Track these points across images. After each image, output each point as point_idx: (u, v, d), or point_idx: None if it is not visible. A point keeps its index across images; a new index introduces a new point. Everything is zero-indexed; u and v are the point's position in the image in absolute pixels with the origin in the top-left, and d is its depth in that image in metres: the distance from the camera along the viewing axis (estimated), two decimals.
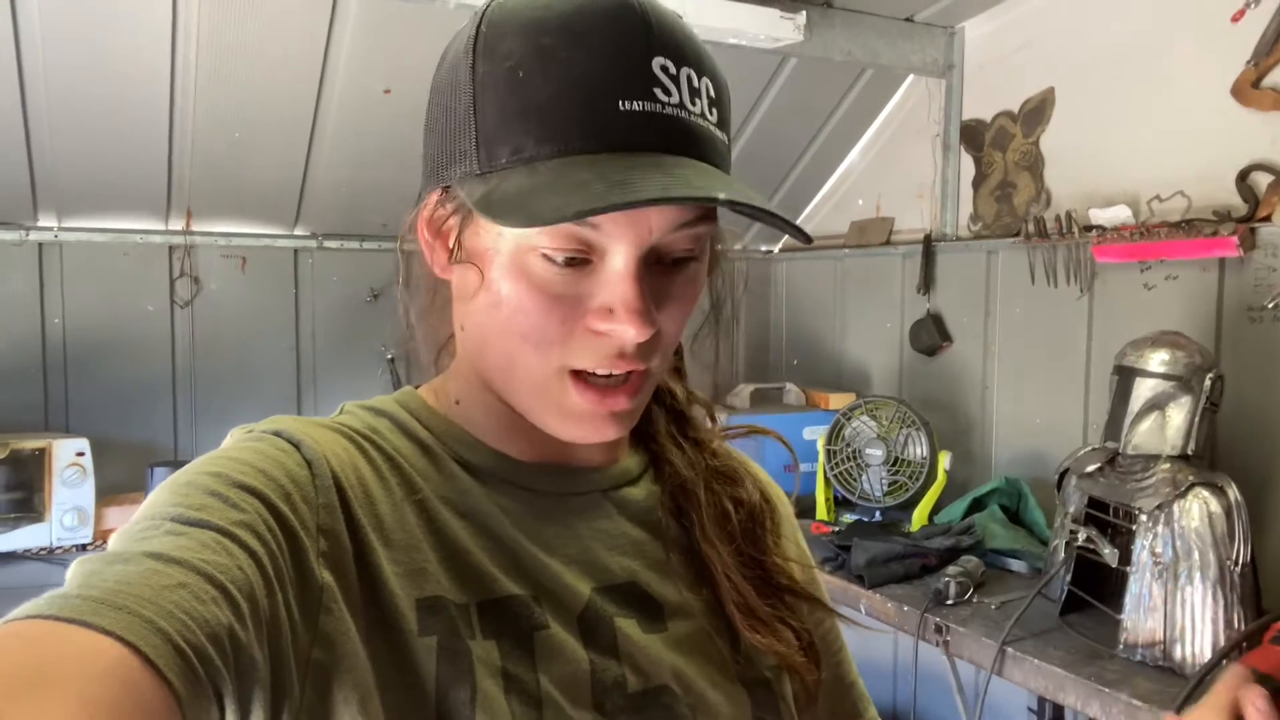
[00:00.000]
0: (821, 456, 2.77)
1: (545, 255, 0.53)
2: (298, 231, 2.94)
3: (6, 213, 2.55)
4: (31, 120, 2.34)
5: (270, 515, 0.49)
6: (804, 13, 2.51)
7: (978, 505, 2.54)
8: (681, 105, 0.52)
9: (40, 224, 2.62)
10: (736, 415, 3.04)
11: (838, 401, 3.00)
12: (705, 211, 0.55)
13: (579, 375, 0.56)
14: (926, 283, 2.97)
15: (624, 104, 0.50)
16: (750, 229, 3.59)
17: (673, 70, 0.52)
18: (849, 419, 2.77)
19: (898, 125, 3.19)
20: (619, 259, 0.53)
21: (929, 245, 2.96)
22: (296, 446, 0.54)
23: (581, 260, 0.53)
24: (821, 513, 2.77)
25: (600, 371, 0.55)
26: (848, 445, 2.75)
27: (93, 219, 2.67)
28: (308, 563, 0.50)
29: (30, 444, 2.26)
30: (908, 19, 2.86)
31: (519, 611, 0.56)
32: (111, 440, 2.68)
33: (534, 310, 0.54)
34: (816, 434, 2.87)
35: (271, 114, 2.49)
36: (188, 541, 0.44)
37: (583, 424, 0.57)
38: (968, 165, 2.91)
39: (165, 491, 0.48)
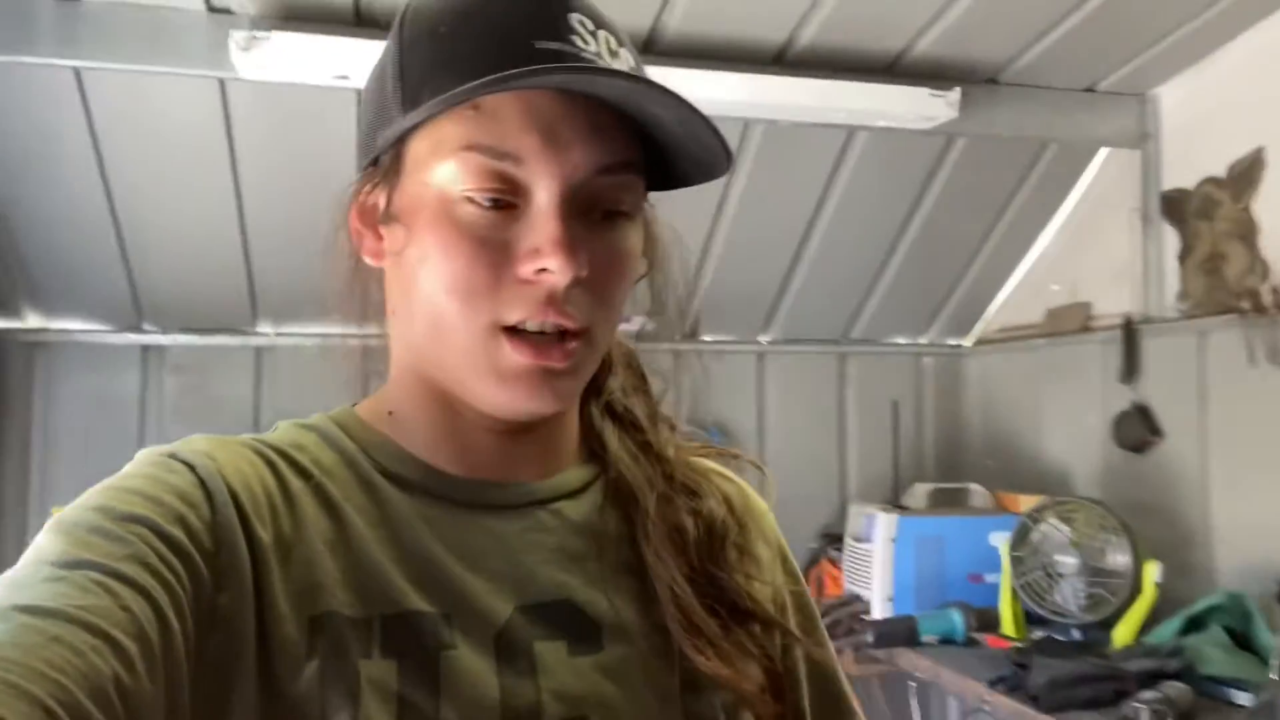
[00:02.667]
0: (1006, 564, 2.58)
1: (469, 198, 0.54)
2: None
3: (229, 320, 3.01)
4: (252, 243, 2.79)
5: (161, 542, 0.48)
6: (957, 90, 2.51)
7: (1196, 624, 2.26)
8: (599, 55, 0.55)
9: (258, 330, 3.06)
10: (912, 516, 2.91)
11: (1028, 504, 2.79)
12: (630, 159, 0.56)
13: (511, 331, 0.55)
14: (1130, 370, 2.75)
15: (539, 43, 0.53)
16: (935, 321, 3.51)
17: (590, 27, 0.56)
18: (1037, 522, 2.58)
19: (1092, 202, 3.05)
20: (543, 195, 0.54)
21: (1130, 329, 2.75)
22: (191, 466, 0.53)
23: (507, 204, 0.54)
24: (1008, 627, 2.56)
25: (532, 326, 0.55)
26: (1036, 552, 2.55)
27: (302, 324, 3.09)
28: (204, 586, 0.49)
29: None
30: (1088, 89, 2.76)
31: (424, 629, 0.54)
32: None
33: (460, 256, 0.54)
34: (1005, 541, 2.68)
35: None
36: (65, 588, 0.44)
37: (519, 385, 0.56)
38: (1170, 239, 2.71)
39: (48, 533, 0.48)
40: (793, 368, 3.52)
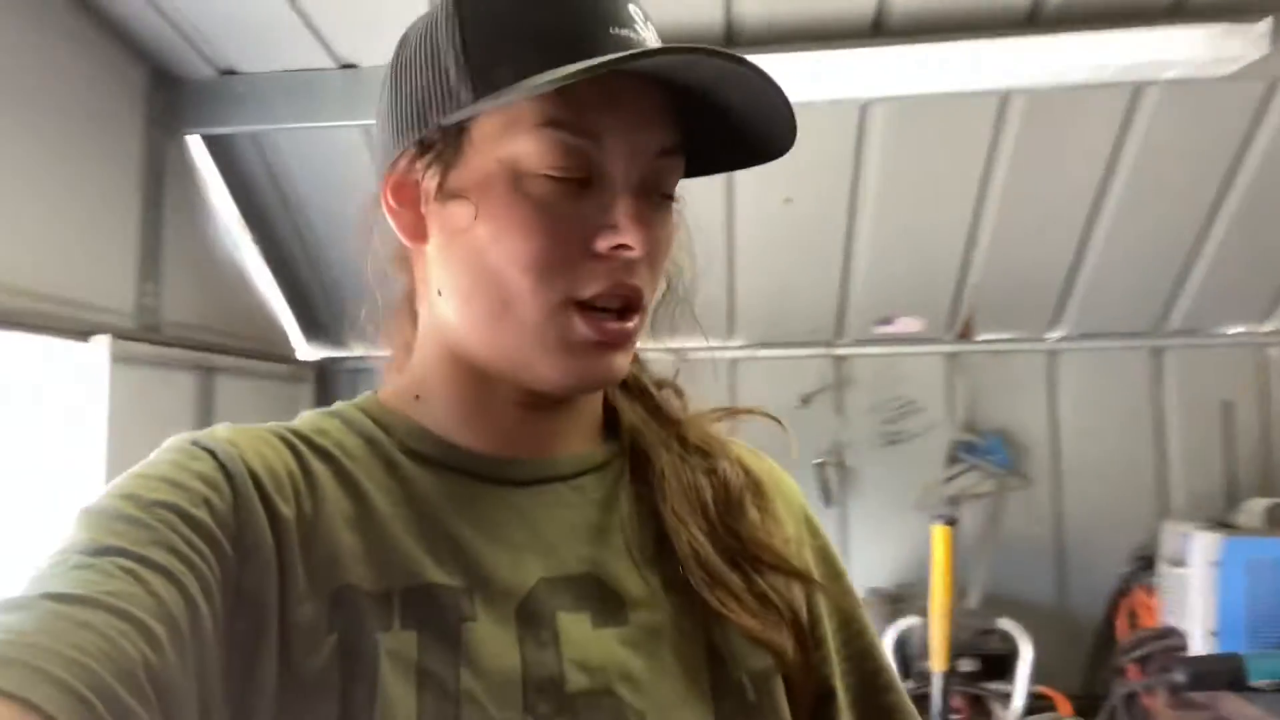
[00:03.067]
0: None
1: (547, 175, 0.55)
2: (732, 341, 3.24)
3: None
4: None
5: (187, 526, 0.49)
6: (1267, 21, 2.09)
7: None
8: (654, 43, 0.58)
9: None
10: (1242, 537, 2.43)
11: None
12: (680, 143, 0.59)
13: (580, 306, 0.56)
14: None
15: (614, 29, 0.56)
16: (1273, 304, 2.93)
17: (642, 17, 0.59)
18: None
19: None
20: (620, 174, 0.56)
21: None
22: (212, 452, 0.54)
23: (581, 181, 0.55)
24: None
25: (604, 302, 0.56)
26: None
27: None
28: (230, 567, 0.50)
29: None
30: None
31: (445, 602, 0.55)
32: None
33: (539, 233, 0.55)
34: None
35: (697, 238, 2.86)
36: (93, 575, 0.44)
37: (587, 359, 0.57)
38: None
39: (77, 521, 0.49)
40: (1093, 366, 3.13)
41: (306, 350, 3.42)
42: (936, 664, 2.45)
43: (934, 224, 2.87)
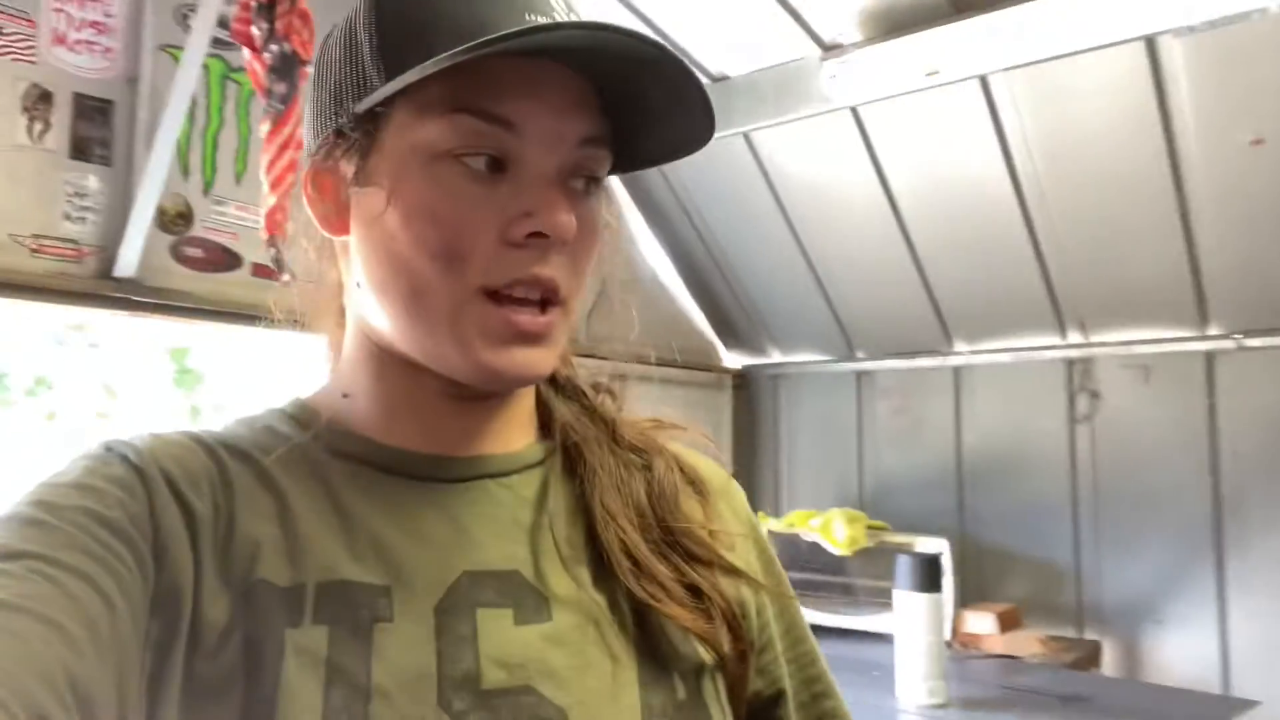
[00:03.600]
0: None
1: (459, 161, 0.54)
2: (1210, 331, 2.64)
3: (927, 343, 3.08)
4: (924, 265, 2.84)
5: (102, 529, 0.49)
6: None
7: None
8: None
9: (955, 350, 3.06)
10: None
11: None
12: (604, 133, 0.57)
13: (493, 296, 0.55)
14: None
15: (530, 15, 0.54)
16: None
17: (564, 5, 0.57)
18: None
19: None
20: (537, 161, 0.54)
21: None
22: (123, 456, 0.54)
23: (496, 168, 0.54)
24: None
25: (518, 292, 0.55)
26: None
27: (996, 340, 2.98)
28: (147, 567, 0.50)
29: (898, 539, 2.65)
30: None
31: (360, 599, 0.54)
32: (1013, 553, 2.86)
33: (446, 220, 0.54)
34: None
35: (1126, 199, 2.42)
36: (5, 579, 0.44)
37: (504, 351, 0.55)
38: None
39: None
40: None
41: (727, 358, 3.57)
42: None
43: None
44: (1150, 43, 2.13)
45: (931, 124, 2.48)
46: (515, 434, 0.64)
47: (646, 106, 0.57)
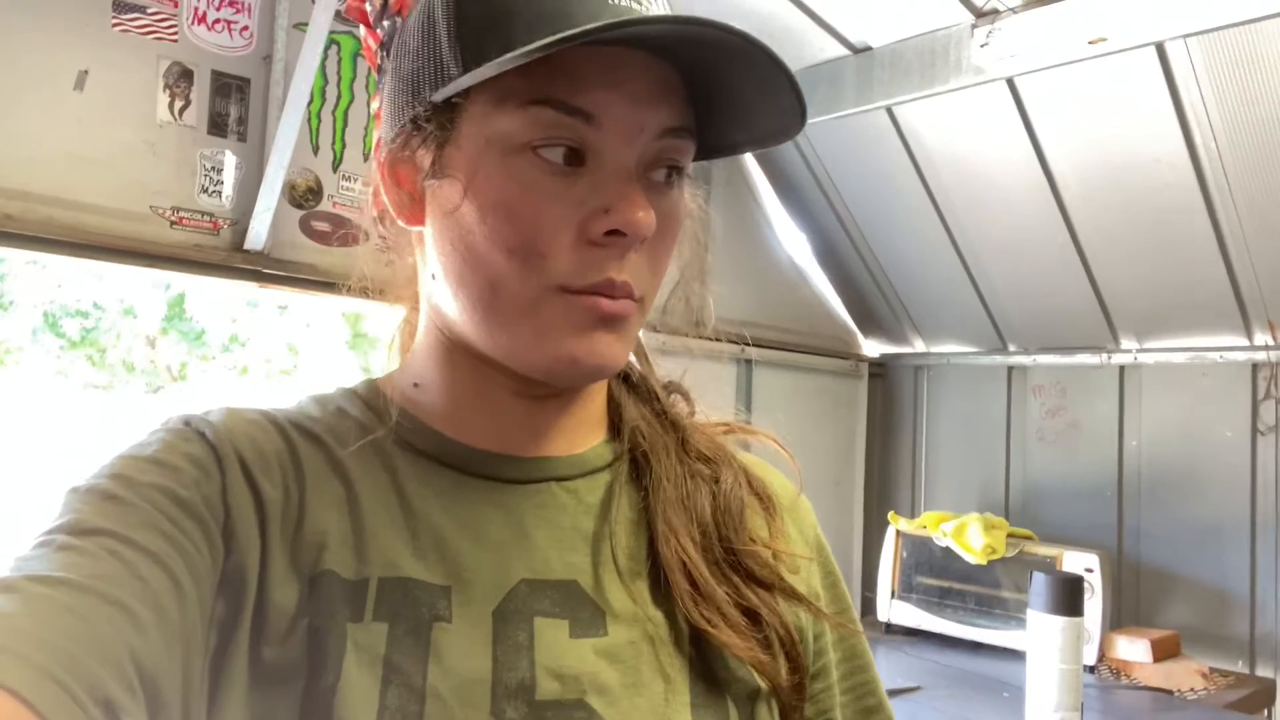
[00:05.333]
0: None
1: (537, 154, 0.53)
2: None
3: (1088, 338, 2.83)
4: (1086, 252, 2.60)
5: (176, 508, 0.50)
6: None
7: None
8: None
9: (1121, 347, 2.80)
10: None
11: None
12: (689, 123, 0.56)
13: (569, 293, 0.54)
14: None
15: (614, 2, 0.53)
16: None
17: None
18: None
19: None
20: (616, 155, 0.53)
21: None
22: (201, 434, 0.55)
23: (574, 163, 0.53)
24: None
25: (592, 292, 0.54)
26: None
27: (1170, 339, 2.71)
28: (217, 549, 0.51)
29: (1043, 551, 2.44)
30: None
31: (421, 597, 0.54)
32: (1178, 574, 2.60)
33: (524, 216, 0.53)
34: None
35: None
36: (78, 557, 0.45)
37: (580, 342, 0.54)
38: None
39: (64, 500, 0.49)
40: None
41: (866, 345, 3.41)
42: None
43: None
44: None
45: (1098, 97, 2.25)
46: (584, 433, 0.64)
47: (734, 95, 0.55)
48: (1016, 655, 2.38)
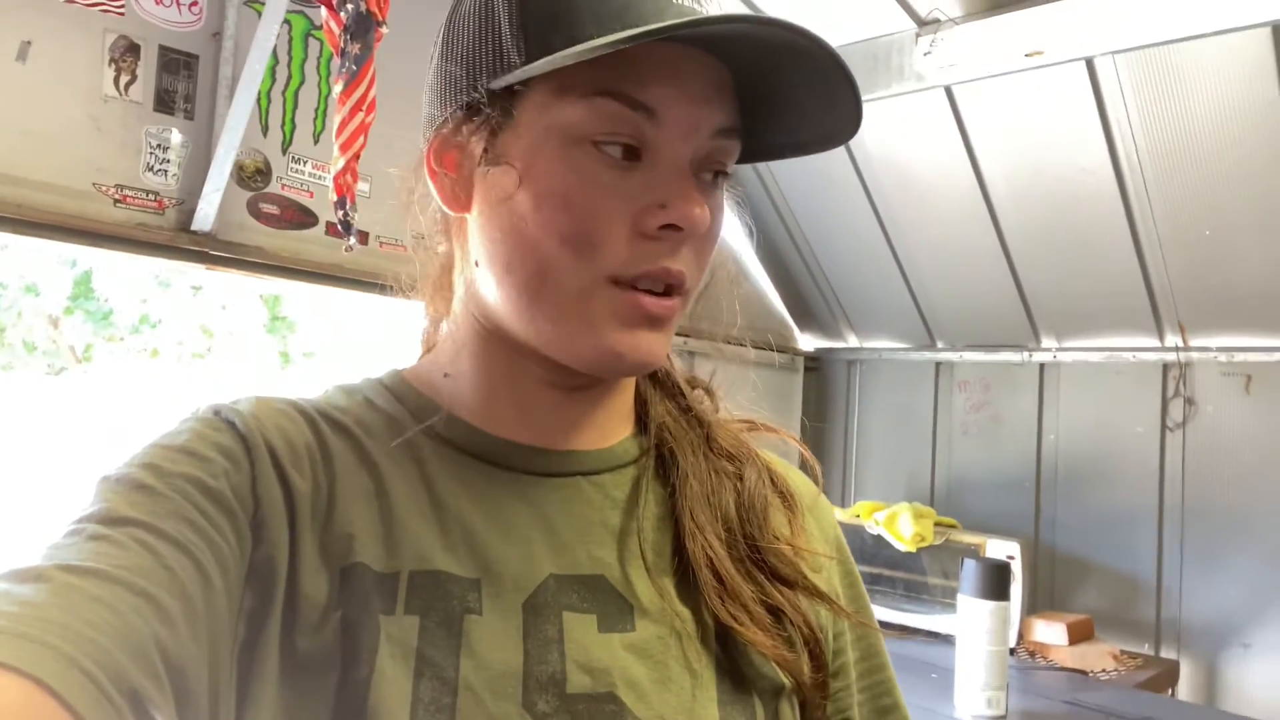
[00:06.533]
0: None
1: (597, 146, 0.53)
2: None
3: (1012, 337, 2.97)
4: (1013, 255, 2.72)
5: (206, 499, 0.50)
6: None
7: None
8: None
9: (1042, 346, 2.94)
10: None
11: None
12: (738, 123, 0.56)
13: (619, 284, 0.54)
14: None
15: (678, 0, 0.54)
16: None
17: None
18: None
19: None
20: (674, 150, 0.54)
21: None
22: (231, 424, 0.55)
23: (631, 156, 0.53)
24: None
25: (642, 285, 0.54)
26: None
27: (1087, 339, 2.85)
28: (246, 541, 0.51)
29: (968, 539, 2.56)
30: None
31: (452, 589, 0.54)
32: (1090, 562, 2.75)
33: (581, 206, 0.53)
34: None
35: (1237, 196, 2.27)
36: (108, 547, 0.45)
37: (625, 335, 0.55)
38: None
39: (95, 489, 0.49)
40: None
41: (801, 340, 3.50)
42: None
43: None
44: (1278, 29, 1.98)
45: (1030, 108, 2.36)
46: (613, 427, 0.64)
47: (789, 98, 0.56)
48: (943, 639, 2.49)
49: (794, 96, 0.56)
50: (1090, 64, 2.19)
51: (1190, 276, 2.53)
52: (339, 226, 1.50)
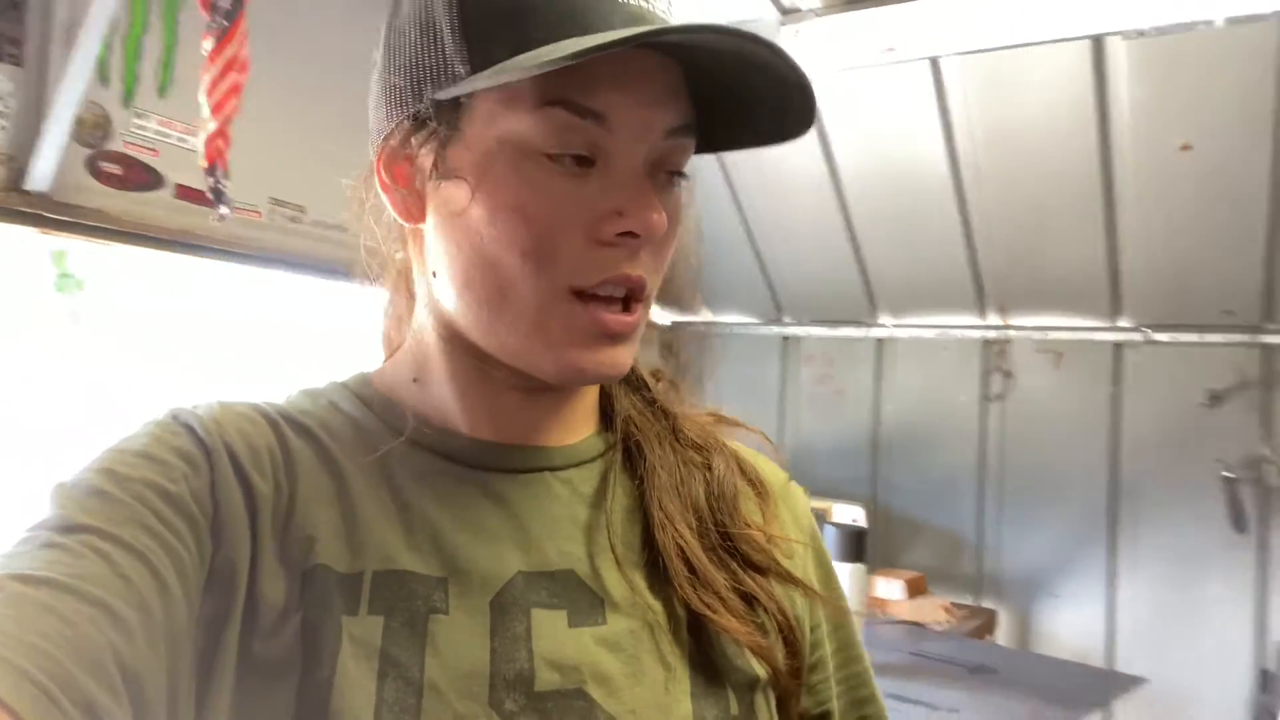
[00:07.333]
0: None
1: (549, 156, 0.52)
2: (1121, 323, 2.76)
3: (853, 314, 3.15)
4: (858, 237, 2.88)
5: (164, 503, 0.49)
6: None
7: None
8: (667, 13, 0.56)
9: (879, 322, 3.13)
10: None
11: None
12: (692, 121, 0.55)
13: (579, 294, 0.54)
14: None
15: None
16: None
17: None
18: None
19: None
20: (628, 156, 0.53)
21: None
22: (189, 427, 0.54)
23: (584, 163, 0.52)
24: None
25: (605, 292, 0.54)
26: None
27: (919, 316, 3.07)
28: (205, 545, 0.50)
29: (815, 504, 2.72)
30: None
31: (416, 589, 0.54)
32: (921, 522, 2.98)
33: (537, 218, 0.52)
34: None
35: (1056, 191, 2.50)
36: (61, 555, 0.44)
37: (589, 350, 0.54)
38: None
39: (51, 496, 0.48)
40: None
41: (657, 314, 3.57)
42: None
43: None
44: (1098, 42, 2.18)
45: (880, 100, 2.50)
46: (578, 425, 0.63)
47: (742, 97, 0.55)
48: None
49: (748, 98, 0.55)
50: (936, 64, 2.34)
51: (1012, 262, 2.77)
52: (209, 194, 1.41)
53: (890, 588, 2.60)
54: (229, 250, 2.03)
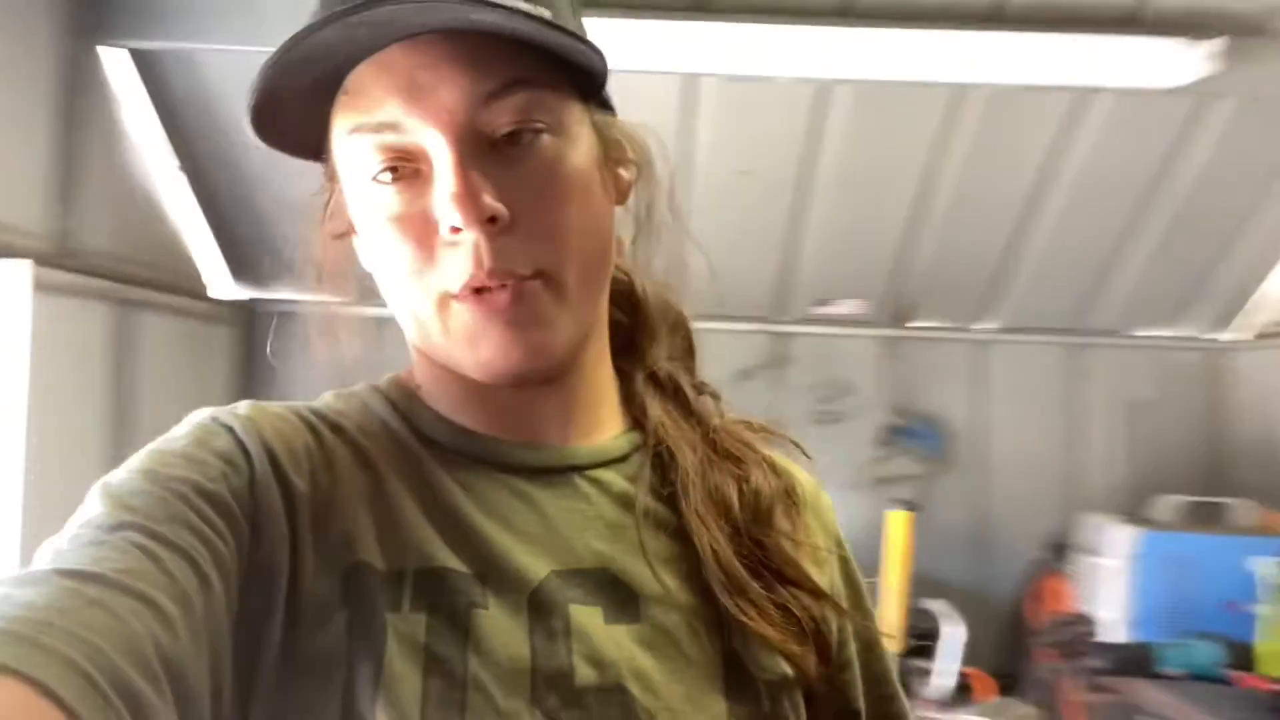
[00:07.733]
0: (1273, 593, 2.23)
1: (375, 180, 0.53)
2: None
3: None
4: None
5: (204, 502, 0.49)
6: (1219, 40, 2.20)
7: None
8: None
9: None
10: (1160, 531, 2.58)
11: None
12: (519, 75, 0.52)
13: (460, 297, 0.53)
14: None
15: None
16: (1191, 310, 3.11)
17: None
18: None
19: None
20: (437, 150, 0.51)
21: None
22: (229, 428, 0.54)
23: (412, 173, 0.53)
24: (1269, 666, 2.20)
25: (477, 285, 0.53)
26: None
27: None
28: (244, 543, 0.51)
29: None
30: None
31: (457, 586, 0.54)
32: None
33: (391, 241, 0.54)
34: (1271, 567, 2.32)
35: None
36: (107, 551, 0.44)
37: (485, 345, 0.53)
38: None
39: (95, 495, 0.49)
40: (1019, 359, 3.27)
41: (232, 289, 3.24)
42: (894, 646, 2.52)
43: (882, 209, 2.93)
44: (690, 79, 2.56)
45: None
46: (601, 423, 0.64)
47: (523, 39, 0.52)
48: None
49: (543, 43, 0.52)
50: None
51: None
52: None
53: None
54: None
